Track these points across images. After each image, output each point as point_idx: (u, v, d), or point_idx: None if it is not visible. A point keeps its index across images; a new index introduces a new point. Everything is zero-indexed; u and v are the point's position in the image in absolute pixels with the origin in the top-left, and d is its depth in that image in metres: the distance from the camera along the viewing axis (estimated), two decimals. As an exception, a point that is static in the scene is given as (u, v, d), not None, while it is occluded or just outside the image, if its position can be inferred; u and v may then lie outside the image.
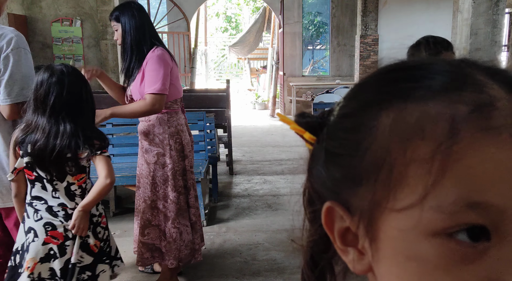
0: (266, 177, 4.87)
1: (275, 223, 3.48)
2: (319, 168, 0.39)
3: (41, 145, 1.58)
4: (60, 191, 1.66)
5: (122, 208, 3.78)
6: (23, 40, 1.80)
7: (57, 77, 1.60)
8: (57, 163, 1.61)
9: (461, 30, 4.76)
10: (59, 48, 6.44)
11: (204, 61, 15.89)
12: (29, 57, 1.81)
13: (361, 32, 8.67)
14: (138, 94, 2.28)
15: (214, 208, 3.85)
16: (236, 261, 2.82)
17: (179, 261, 2.41)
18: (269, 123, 9.15)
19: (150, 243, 2.39)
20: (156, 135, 2.32)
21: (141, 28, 2.27)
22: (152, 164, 2.33)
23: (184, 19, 10.01)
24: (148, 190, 2.36)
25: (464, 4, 4.68)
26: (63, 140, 1.58)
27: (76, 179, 1.68)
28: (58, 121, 1.60)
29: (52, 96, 1.58)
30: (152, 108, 2.20)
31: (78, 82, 1.65)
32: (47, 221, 1.65)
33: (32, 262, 1.64)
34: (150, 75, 2.21)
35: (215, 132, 4.26)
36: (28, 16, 6.36)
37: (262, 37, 13.48)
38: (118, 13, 2.28)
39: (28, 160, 1.61)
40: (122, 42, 2.29)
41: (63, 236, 1.66)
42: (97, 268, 1.74)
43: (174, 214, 2.36)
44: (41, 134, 1.58)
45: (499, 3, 4.47)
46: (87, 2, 6.44)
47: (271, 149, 6.51)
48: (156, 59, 2.22)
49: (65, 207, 1.67)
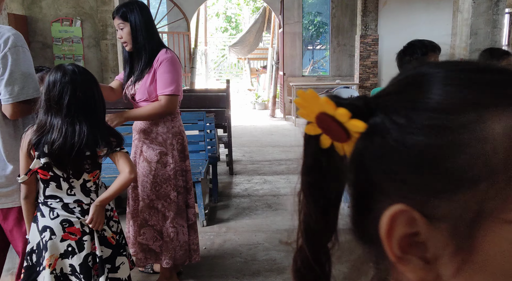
0: (266, 177, 4.87)
1: (275, 223, 3.48)
2: (386, 165, 0.34)
3: (60, 145, 1.59)
4: (76, 188, 1.69)
5: (122, 208, 3.78)
6: (21, 39, 1.79)
7: (70, 77, 1.61)
8: (76, 162, 1.63)
9: (461, 30, 4.76)
10: (59, 48, 6.44)
11: (204, 61, 15.89)
12: (27, 55, 1.80)
13: (361, 32, 8.67)
14: (145, 94, 2.27)
15: (214, 208, 3.85)
16: (236, 261, 2.82)
17: (174, 261, 2.40)
18: (269, 123, 9.15)
19: (144, 244, 2.39)
20: (160, 134, 2.32)
21: (149, 26, 2.27)
22: (153, 162, 2.32)
23: (184, 19, 10.01)
24: (147, 189, 2.35)
25: (464, 4, 4.68)
26: (81, 139, 1.60)
27: (92, 176, 1.72)
28: (73, 120, 1.62)
29: (67, 96, 1.60)
30: (167, 109, 2.24)
31: (90, 81, 1.68)
32: (64, 218, 1.68)
33: (53, 259, 1.68)
34: (165, 77, 2.23)
35: (215, 132, 4.26)
36: (28, 16, 6.36)
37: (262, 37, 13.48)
38: (125, 11, 2.23)
39: (46, 160, 1.62)
40: (133, 41, 2.24)
41: (81, 231, 1.70)
42: (116, 261, 1.78)
43: (174, 214, 2.36)
44: (57, 134, 1.60)
45: (499, 3, 4.47)
46: (87, 2, 6.44)
47: (271, 149, 6.51)
48: (171, 61, 2.25)
49: (81, 203, 1.70)
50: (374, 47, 8.73)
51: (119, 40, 2.31)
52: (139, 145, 2.38)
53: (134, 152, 2.41)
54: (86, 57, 6.50)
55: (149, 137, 2.33)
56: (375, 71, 8.85)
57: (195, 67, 10.61)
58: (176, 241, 2.39)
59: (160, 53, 2.26)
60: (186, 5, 10.00)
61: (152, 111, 2.25)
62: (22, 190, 1.72)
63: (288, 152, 6.20)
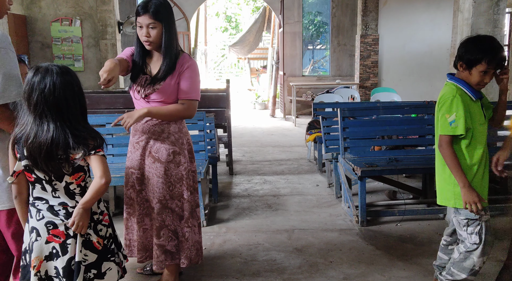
0: (266, 177, 4.86)
1: (275, 223, 3.47)
2: None
3: (31, 144, 1.59)
4: (60, 191, 1.67)
5: (121, 209, 3.76)
6: (4, 39, 1.73)
7: (41, 76, 1.59)
8: (50, 162, 1.60)
9: (462, 29, 4.75)
10: (58, 48, 6.43)
11: (204, 60, 15.88)
12: (11, 56, 1.74)
13: (362, 31, 8.65)
14: (167, 95, 2.24)
15: (214, 208, 3.84)
16: (236, 262, 2.81)
17: (190, 261, 2.39)
18: (269, 123, 9.14)
19: (163, 245, 2.35)
20: (172, 133, 2.31)
21: (175, 28, 2.29)
22: (167, 162, 2.29)
23: (184, 19, 10.00)
24: (163, 189, 2.31)
25: (464, 4, 4.66)
26: (48, 138, 1.58)
27: (74, 178, 1.68)
28: (42, 119, 1.60)
29: (35, 95, 1.58)
30: (190, 113, 2.30)
31: (65, 82, 1.63)
32: (49, 220, 1.67)
33: (37, 261, 1.66)
34: (192, 81, 2.27)
35: (215, 132, 4.25)
36: (28, 16, 6.34)
37: (262, 37, 13.47)
38: (158, 10, 2.16)
39: (25, 163, 1.63)
40: (166, 43, 2.20)
41: (65, 234, 1.67)
42: (102, 266, 1.74)
43: (188, 213, 2.36)
44: (30, 133, 1.59)
45: (499, 2, 4.46)
46: (86, 2, 6.42)
47: (271, 149, 6.50)
48: (195, 66, 2.30)
49: (65, 206, 1.68)
50: (374, 46, 8.71)
51: (143, 38, 2.20)
52: (147, 146, 2.33)
53: (140, 154, 2.35)
54: (85, 57, 6.49)
55: (160, 137, 2.31)
56: (375, 71, 8.84)
57: (195, 67, 10.60)
58: (191, 240, 2.38)
59: (184, 57, 2.27)
60: (186, 5, 9.99)
61: (175, 112, 2.25)
62: (12, 190, 1.72)
63: (288, 152, 6.19)
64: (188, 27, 10.14)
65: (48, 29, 6.38)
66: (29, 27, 6.38)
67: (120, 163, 3.68)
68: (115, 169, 3.47)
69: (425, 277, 2.58)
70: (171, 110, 2.25)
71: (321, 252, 2.93)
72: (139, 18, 2.19)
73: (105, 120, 3.78)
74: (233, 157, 5.20)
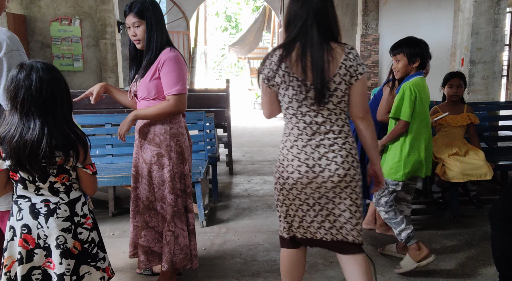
0: (266, 177, 4.85)
1: (275, 224, 3.46)
2: None
3: (16, 143, 1.55)
4: (43, 189, 1.65)
5: (121, 209, 3.76)
6: (16, 42, 1.75)
7: (26, 73, 1.56)
8: (35, 162, 1.57)
9: (462, 29, 4.74)
10: (58, 48, 6.42)
11: (204, 60, 15.88)
12: (24, 57, 1.77)
13: (362, 31, 8.64)
14: (145, 91, 2.25)
15: (214, 209, 3.83)
16: (236, 262, 2.80)
17: (173, 264, 2.36)
18: (269, 123, 9.13)
19: (145, 246, 2.35)
20: (157, 134, 2.28)
21: (162, 24, 2.27)
22: (150, 164, 2.30)
23: (184, 19, 10.00)
24: (146, 191, 2.32)
25: (465, 3, 4.66)
26: (33, 137, 1.55)
27: (59, 179, 1.65)
28: (28, 117, 1.57)
29: (21, 92, 1.55)
30: (176, 108, 2.21)
31: (51, 79, 1.59)
32: (25, 223, 1.63)
33: (10, 260, 1.64)
34: (170, 76, 2.20)
35: (215, 132, 4.24)
36: (27, 16, 6.33)
37: (262, 36, 13.46)
38: (141, 8, 2.19)
39: (9, 163, 1.59)
40: (147, 40, 2.22)
41: (35, 243, 1.64)
42: (80, 270, 1.70)
43: (170, 217, 2.32)
44: (15, 132, 1.56)
45: (500, 2, 4.45)
46: (86, 2, 6.41)
47: (271, 149, 6.49)
48: (174, 60, 2.21)
49: (48, 203, 1.65)
50: (374, 46, 8.71)
51: (132, 38, 2.25)
52: (139, 144, 2.35)
53: (136, 153, 2.37)
54: (85, 56, 6.48)
55: (147, 137, 2.30)
56: (375, 71, 8.83)
57: (194, 66, 10.59)
58: (176, 244, 2.35)
59: (163, 52, 2.22)
60: (186, 4, 9.99)
61: (160, 110, 2.22)
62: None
63: (288, 152, 6.17)
64: (188, 26, 10.14)
65: (47, 28, 6.37)
66: (29, 27, 6.37)
67: (120, 163, 3.67)
68: (115, 169, 3.46)
69: (425, 277, 2.57)
70: (157, 108, 2.22)
71: (321, 252, 2.92)
72: (126, 19, 2.25)
73: (105, 120, 3.77)
74: (233, 157, 5.19)
